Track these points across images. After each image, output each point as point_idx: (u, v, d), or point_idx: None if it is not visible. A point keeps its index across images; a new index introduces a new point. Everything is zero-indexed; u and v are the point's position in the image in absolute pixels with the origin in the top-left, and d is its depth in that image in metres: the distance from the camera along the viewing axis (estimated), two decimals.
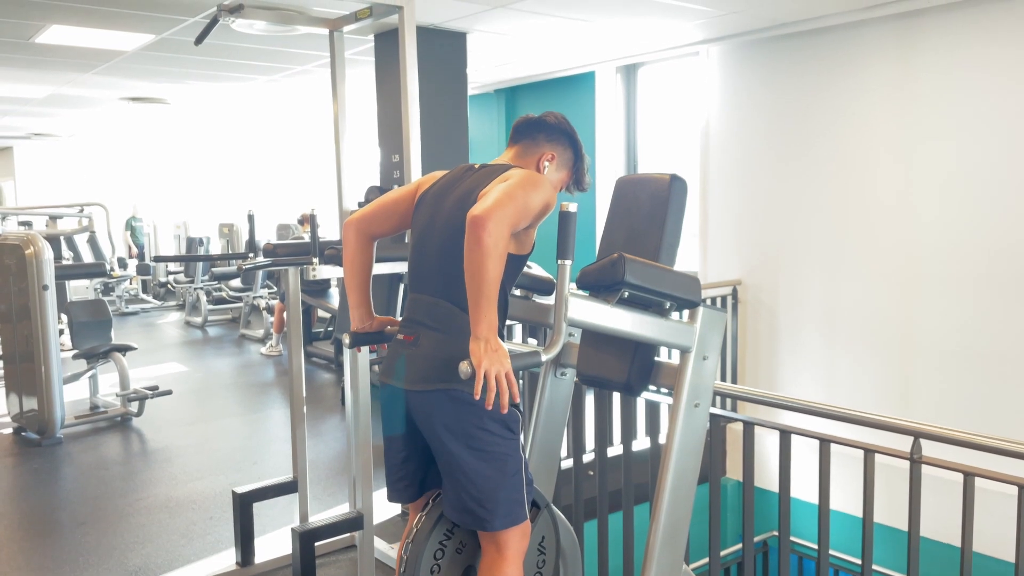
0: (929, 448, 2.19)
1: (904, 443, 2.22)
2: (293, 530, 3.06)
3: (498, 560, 1.99)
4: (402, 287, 4.94)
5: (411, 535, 2.08)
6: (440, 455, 1.97)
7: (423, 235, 2.06)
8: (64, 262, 8.56)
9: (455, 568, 2.09)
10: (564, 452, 3.24)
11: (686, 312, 2.00)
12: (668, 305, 1.96)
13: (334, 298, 7.21)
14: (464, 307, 1.84)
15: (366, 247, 2.19)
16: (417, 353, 1.98)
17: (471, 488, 1.93)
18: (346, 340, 2.25)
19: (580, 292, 1.87)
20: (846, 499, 3.24)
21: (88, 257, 10.18)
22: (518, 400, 1.78)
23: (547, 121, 2.13)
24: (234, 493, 3.34)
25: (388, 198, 2.20)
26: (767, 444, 4.36)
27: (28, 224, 9.61)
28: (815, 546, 2.61)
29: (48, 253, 5.04)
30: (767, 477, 4.61)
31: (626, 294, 1.87)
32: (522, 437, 2.04)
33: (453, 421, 1.91)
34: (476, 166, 2.09)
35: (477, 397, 1.70)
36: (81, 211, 9.03)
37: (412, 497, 2.14)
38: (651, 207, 2.05)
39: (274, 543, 3.53)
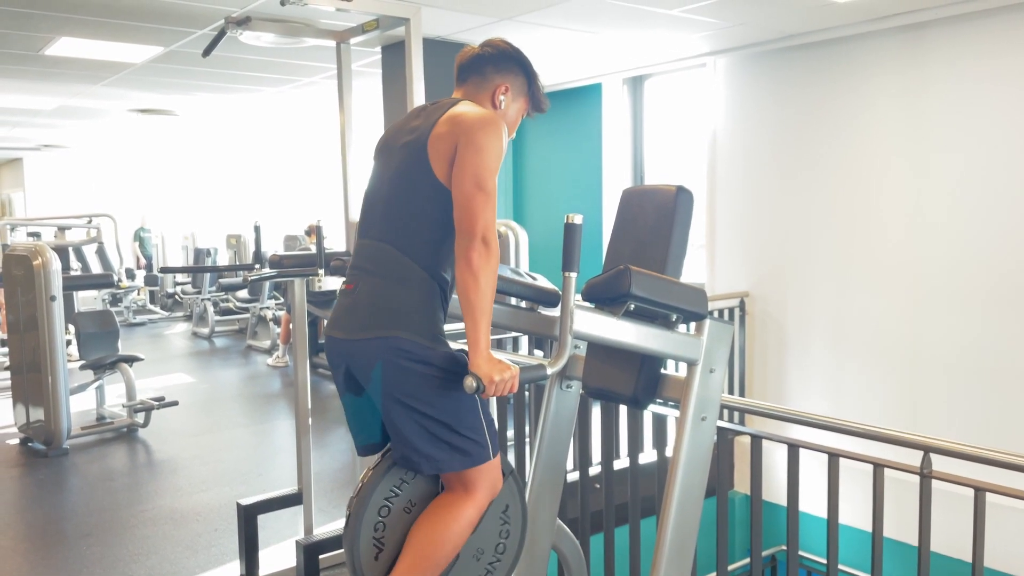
0: (939, 463, 2.17)
1: (914, 457, 2.20)
2: (298, 543, 3.05)
3: (463, 497, 1.91)
4: None
5: (357, 490, 1.98)
6: (385, 405, 1.89)
7: (374, 182, 2.03)
8: (72, 273, 8.59)
9: (402, 527, 1.98)
10: (570, 465, 3.22)
11: (692, 324, 1.98)
12: (674, 317, 1.95)
13: None
14: (408, 253, 1.87)
15: None
16: (355, 301, 1.92)
17: (422, 434, 1.86)
18: None
19: (586, 304, 1.86)
20: (855, 513, 3.21)
21: (96, 268, 10.21)
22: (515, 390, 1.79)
23: (490, 52, 2.05)
24: (239, 505, 3.33)
25: None
26: (775, 457, 4.33)
27: (37, 235, 9.66)
28: (824, 560, 2.58)
29: (56, 264, 5.05)
30: (774, 490, 4.58)
31: (632, 306, 1.86)
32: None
33: (394, 370, 1.84)
34: (428, 106, 2.03)
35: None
36: (89, 222, 9.07)
37: (379, 448, 2.04)
38: (657, 219, 2.04)
39: (279, 555, 3.51)
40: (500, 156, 1.87)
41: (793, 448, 2.48)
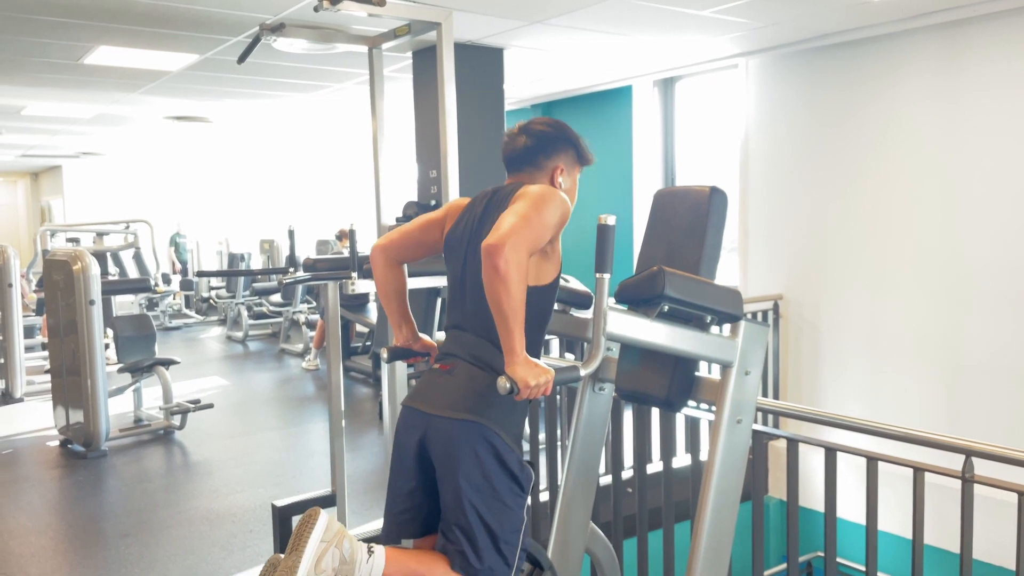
0: (981, 467, 2.12)
1: (955, 462, 2.15)
2: None
3: None
4: (440, 301, 4.95)
5: None
6: (447, 486, 1.91)
7: (459, 274, 2.04)
8: (110, 278, 8.73)
9: None
10: (602, 468, 3.21)
11: (727, 326, 1.96)
12: (709, 319, 1.93)
13: (372, 313, 7.25)
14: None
15: (395, 271, 2.18)
16: (451, 382, 1.95)
17: (465, 527, 1.88)
18: (384, 355, 2.25)
19: (619, 306, 1.85)
20: (894, 519, 3.15)
21: (133, 273, 10.38)
22: (548, 392, 1.78)
23: (534, 143, 2.06)
24: (273, 506, 3.36)
25: (414, 226, 2.17)
26: (811, 462, 4.28)
27: (76, 240, 9.84)
28: (862, 567, 2.54)
29: (95, 269, 5.14)
30: (810, 495, 4.52)
31: (666, 308, 1.84)
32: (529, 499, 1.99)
33: (473, 457, 1.87)
34: (490, 191, 2.06)
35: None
36: (127, 228, 9.22)
37: (413, 533, 2.06)
38: (691, 220, 2.03)
39: None
40: (557, 218, 1.87)
41: (831, 452, 2.44)
